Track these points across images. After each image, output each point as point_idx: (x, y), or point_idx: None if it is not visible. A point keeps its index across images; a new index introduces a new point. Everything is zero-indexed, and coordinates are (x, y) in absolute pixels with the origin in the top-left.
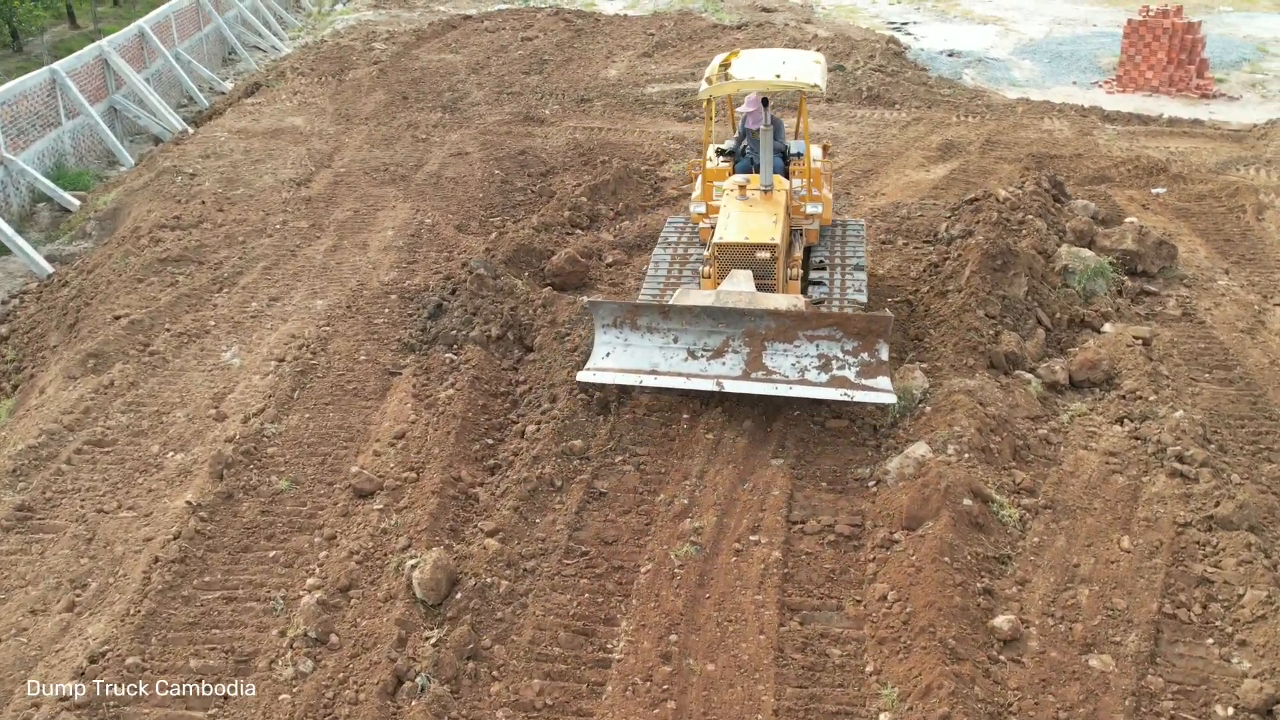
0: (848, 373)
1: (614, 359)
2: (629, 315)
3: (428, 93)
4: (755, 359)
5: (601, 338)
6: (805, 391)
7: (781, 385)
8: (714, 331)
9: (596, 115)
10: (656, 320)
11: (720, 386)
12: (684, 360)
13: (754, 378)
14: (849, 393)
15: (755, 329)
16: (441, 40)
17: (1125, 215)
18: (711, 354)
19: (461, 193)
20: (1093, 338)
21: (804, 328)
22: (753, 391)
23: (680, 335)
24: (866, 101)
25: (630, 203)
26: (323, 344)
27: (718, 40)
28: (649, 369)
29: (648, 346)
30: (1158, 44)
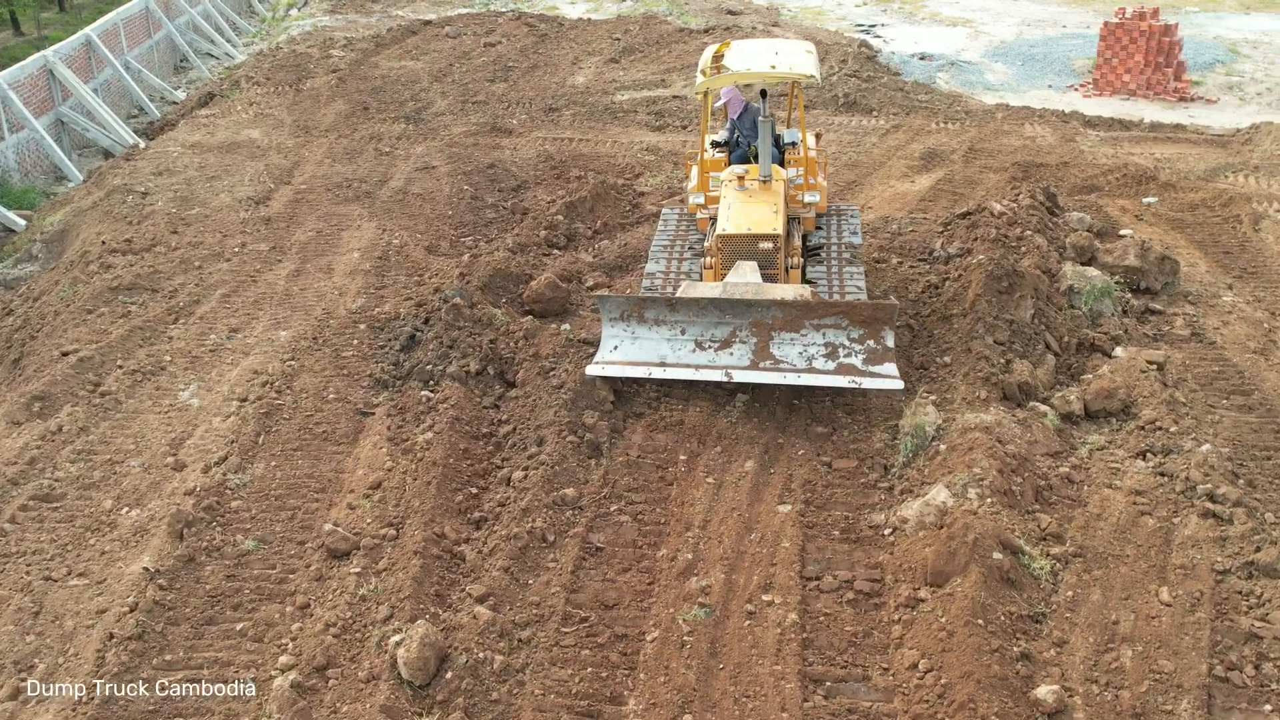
0: (855, 360)
1: (622, 352)
2: (636, 308)
3: (390, 102)
4: (763, 349)
5: (609, 331)
6: (813, 380)
7: (790, 374)
8: (721, 323)
9: (566, 125)
10: (664, 313)
11: (729, 377)
12: (692, 352)
13: (762, 367)
14: (856, 380)
15: (762, 319)
16: (401, 47)
17: (1119, 227)
18: (719, 345)
19: (430, 210)
20: (1104, 363)
21: (810, 317)
22: (761, 381)
23: (688, 327)
24: (844, 108)
25: (609, 220)
26: (288, 381)
27: (685, 44)
28: (657, 361)
29: (655, 339)
30: (1134, 47)
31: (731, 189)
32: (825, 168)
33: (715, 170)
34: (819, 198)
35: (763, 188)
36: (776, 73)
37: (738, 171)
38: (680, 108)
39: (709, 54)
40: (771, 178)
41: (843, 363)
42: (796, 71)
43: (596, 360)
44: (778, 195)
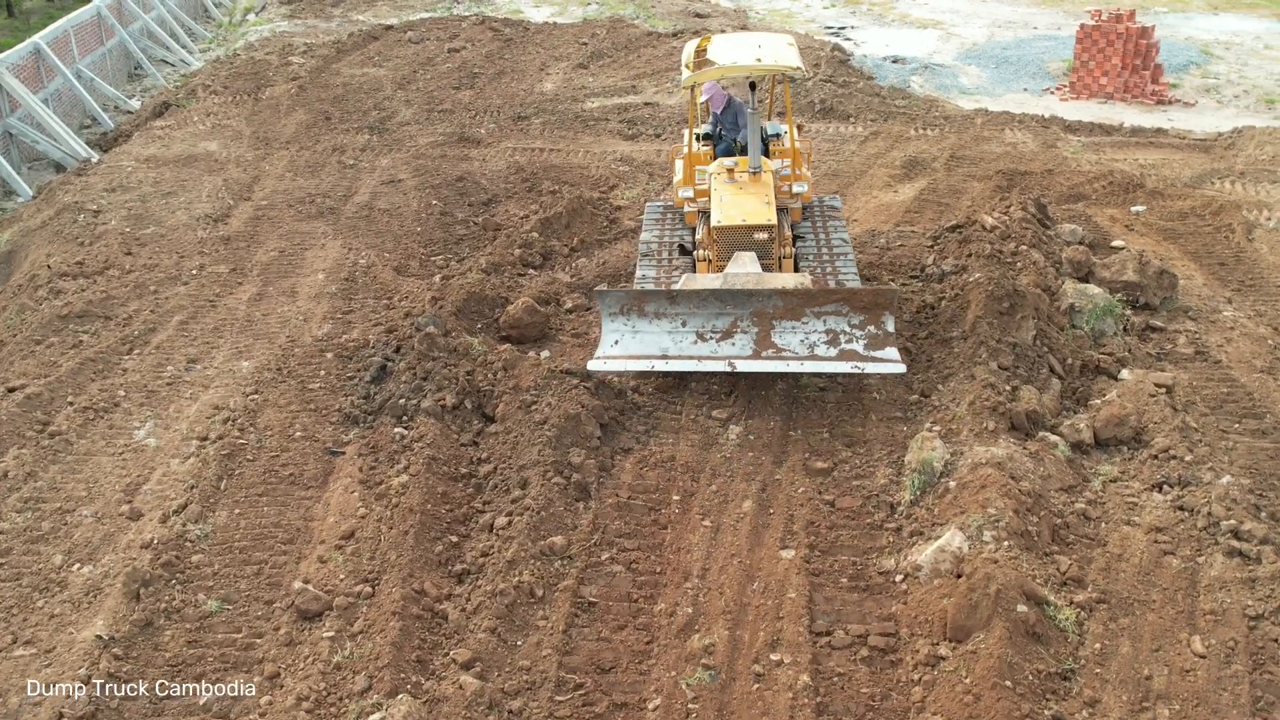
0: (856, 346)
1: (623, 346)
2: (636, 302)
3: (352, 112)
4: (764, 338)
5: (609, 326)
6: (816, 366)
7: (793, 362)
8: (722, 313)
9: (536, 134)
10: (664, 306)
11: (732, 367)
12: (693, 344)
13: (765, 356)
14: (859, 365)
15: (763, 308)
16: (363, 53)
17: (1111, 238)
18: (721, 335)
19: (397, 227)
20: (1110, 386)
21: (811, 305)
22: (765, 370)
23: (688, 319)
24: (820, 115)
25: (585, 237)
26: (251, 417)
27: (654, 49)
28: (659, 354)
29: (656, 332)
30: (1111, 49)
31: (721, 181)
32: (810, 159)
33: (701, 165)
34: (806, 187)
35: (753, 179)
36: (763, 65)
37: (727, 164)
38: (653, 115)
39: (690, 49)
40: (761, 169)
41: (844, 349)
42: (782, 64)
43: (597, 355)
44: (768, 186)
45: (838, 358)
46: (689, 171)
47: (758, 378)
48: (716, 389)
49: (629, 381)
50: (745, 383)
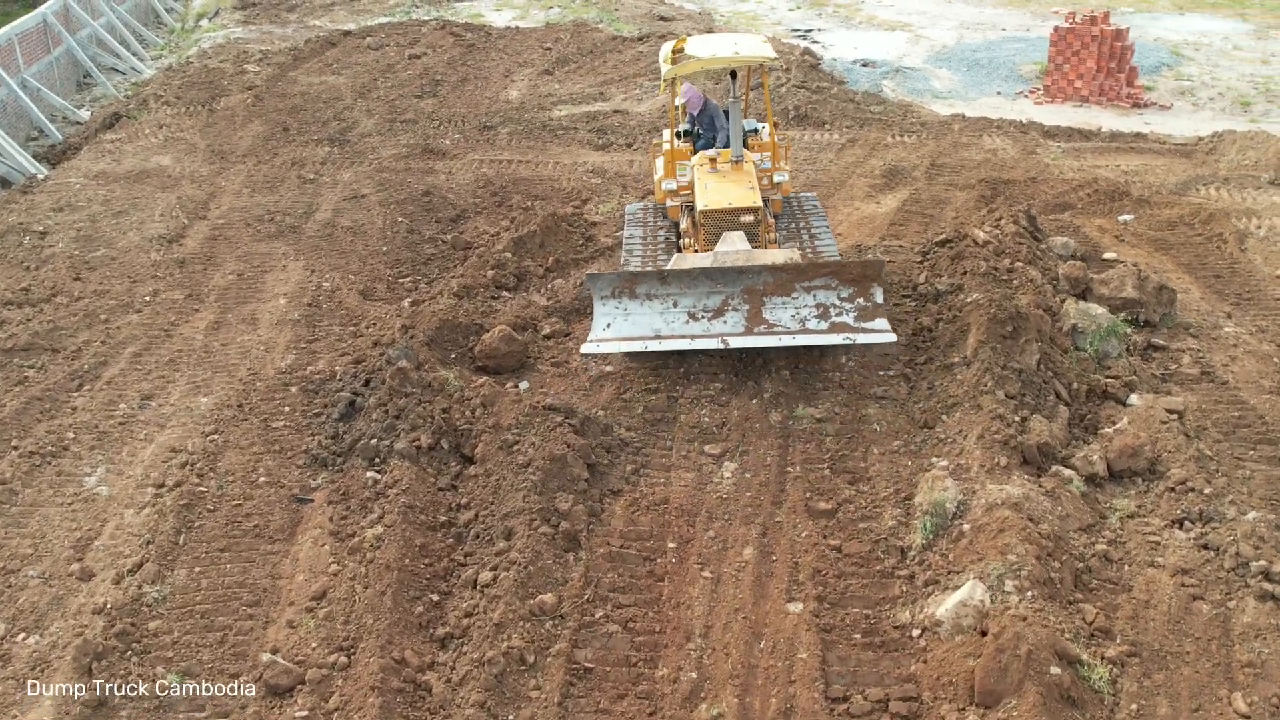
0: (846, 318)
1: (615, 329)
2: (627, 284)
3: (311, 122)
4: (755, 314)
5: (601, 309)
6: (808, 339)
7: (785, 336)
8: (713, 292)
9: (503, 145)
10: (655, 287)
11: (725, 344)
12: (685, 323)
13: (757, 332)
14: (851, 336)
15: (754, 285)
16: (321, 60)
17: (1102, 250)
18: (713, 314)
19: (362, 246)
20: (1118, 411)
21: (800, 279)
22: (757, 345)
23: (680, 299)
24: (795, 122)
25: (561, 256)
26: (211, 461)
27: (620, 54)
28: (652, 334)
29: (648, 313)
30: (1086, 52)
31: (704, 171)
32: (789, 153)
33: (682, 160)
34: (786, 177)
35: (735, 168)
36: (740, 57)
37: (709, 154)
38: (622, 124)
39: (667, 48)
40: (743, 158)
41: (835, 321)
42: (759, 55)
43: (591, 339)
44: (750, 175)
45: (829, 330)
46: (671, 166)
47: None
48: (708, 422)
49: (615, 415)
50: (739, 414)
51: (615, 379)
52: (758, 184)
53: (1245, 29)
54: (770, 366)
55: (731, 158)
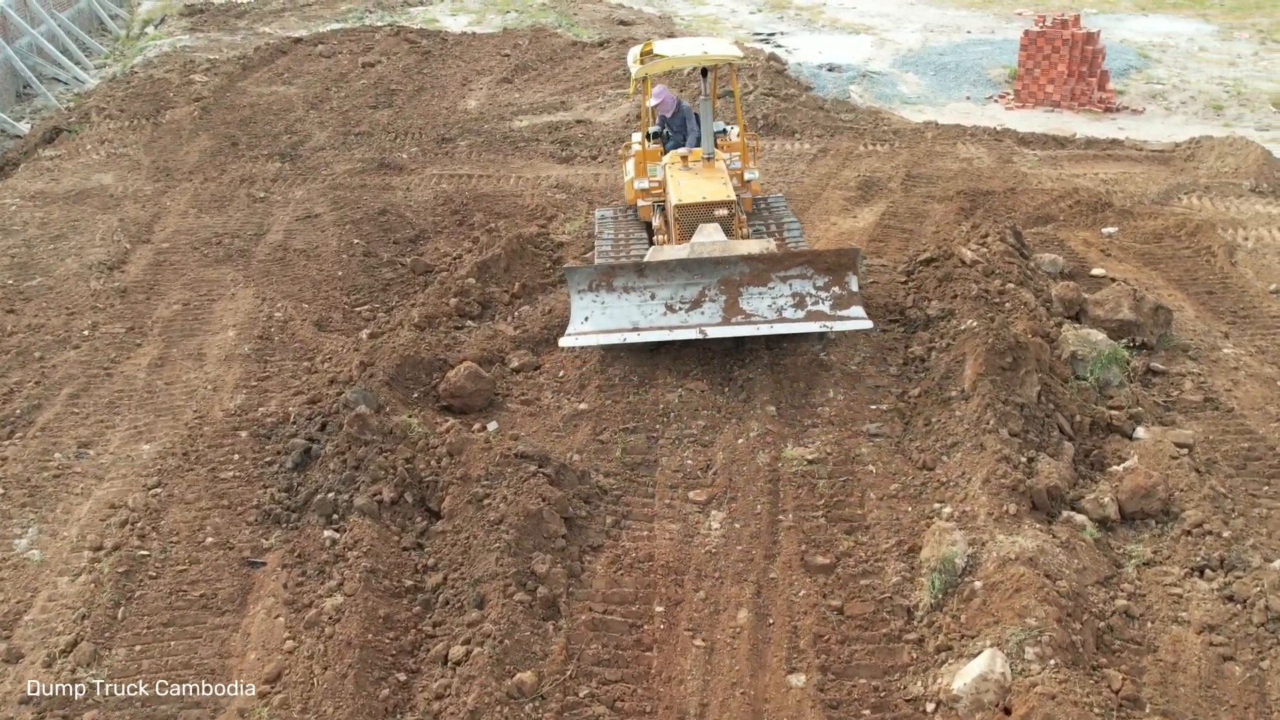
0: (823, 307)
1: (593, 322)
2: (604, 277)
3: (261, 136)
4: (733, 304)
5: (578, 303)
6: (785, 328)
7: (762, 325)
8: (690, 283)
9: (462, 158)
10: (632, 279)
11: (703, 334)
12: (663, 314)
13: (734, 322)
14: (828, 324)
15: (730, 276)
16: (271, 69)
17: (1089, 265)
18: (690, 305)
19: (316, 271)
20: (1124, 446)
21: (776, 269)
22: (735, 335)
23: (657, 291)
24: (764, 131)
25: (527, 281)
26: (154, 519)
27: (581, 60)
28: (630, 326)
29: (625, 305)
30: (1057, 56)
31: (677, 169)
32: (758, 154)
33: (653, 160)
34: (757, 175)
35: (707, 165)
36: (710, 56)
37: (681, 153)
38: (586, 135)
39: (636, 50)
40: (714, 156)
41: (811, 310)
42: (728, 54)
43: (569, 332)
44: (723, 171)
45: (806, 319)
46: (641, 166)
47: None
48: (691, 465)
49: (592, 459)
50: (724, 455)
51: (590, 418)
52: (729, 181)
53: (1209, 30)
54: (755, 401)
55: (703, 155)
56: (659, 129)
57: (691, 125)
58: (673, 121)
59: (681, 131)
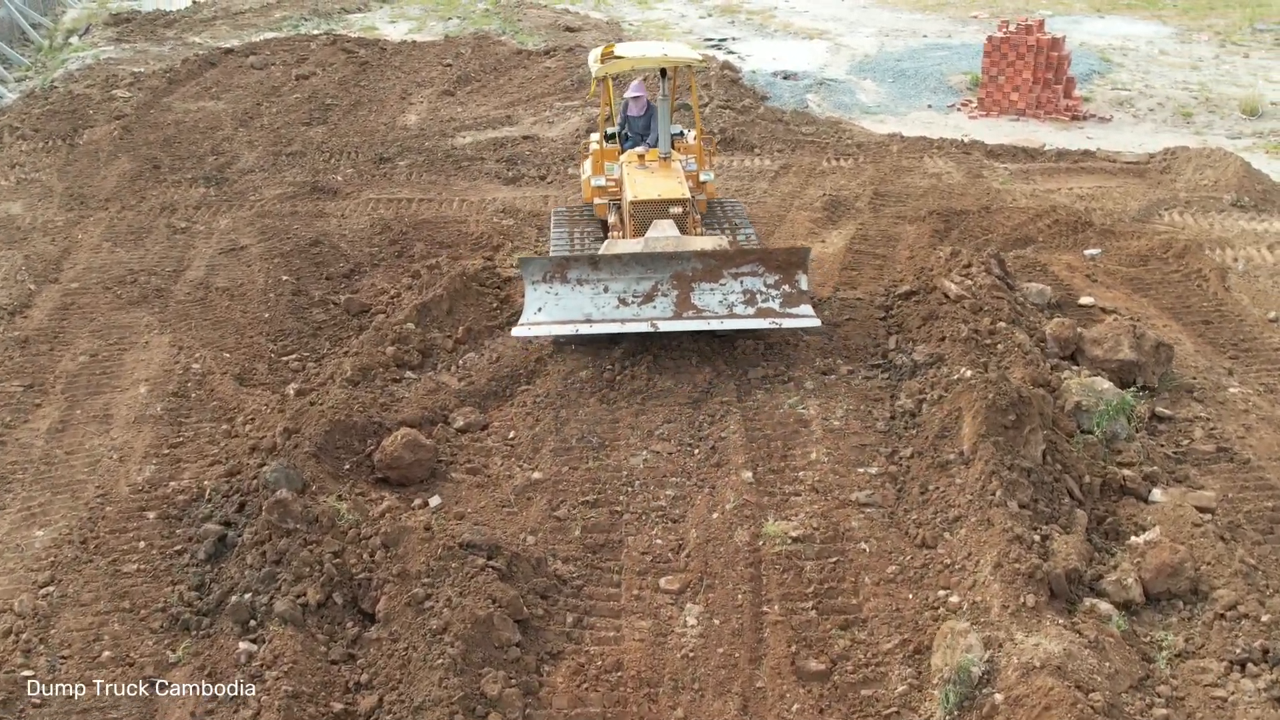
0: (772, 304)
1: (547, 313)
2: (559, 269)
3: (185, 157)
4: (684, 299)
5: (532, 294)
6: (735, 324)
7: (713, 320)
8: (643, 277)
9: (401, 180)
10: (586, 271)
11: (654, 327)
12: (616, 307)
13: (685, 316)
14: (777, 321)
15: (682, 271)
16: (199, 82)
17: (1076, 294)
18: (642, 299)
19: (240, 313)
20: (1140, 511)
21: (728, 266)
22: (686, 329)
23: (610, 284)
24: (722, 146)
25: (473, 324)
26: (43, 626)
27: (527, 70)
28: (582, 318)
29: (579, 297)
30: (1022, 63)
31: (633, 167)
32: (713, 156)
33: (610, 159)
34: (713, 176)
35: (663, 165)
36: (670, 58)
37: (638, 151)
38: (534, 152)
39: (597, 51)
40: (670, 156)
41: (761, 307)
42: (687, 57)
43: (522, 322)
44: (678, 171)
45: (756, 315)
46: (599, 164)
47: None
48: (661, 545)
49: (548, 541)
50: (698, 533)
51: (545, 489)
52: (685, 180)
53: (1167, 32)
54: (728, 464)
55: (660, 155)
56: (618, 129)
57: (654, 126)
58: (639, 120)
59: (644, 132)
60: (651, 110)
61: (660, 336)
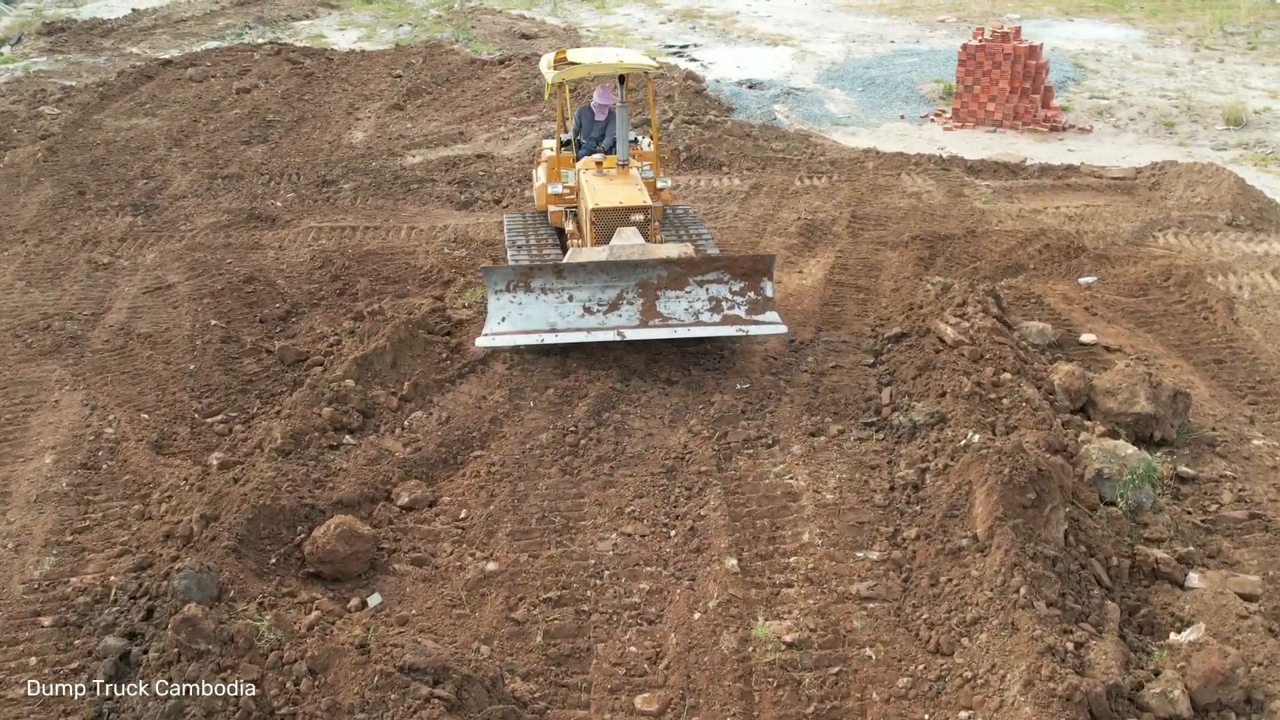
0: (738, 311)
1: (510, 322)
2: (522, 278)
3: (114, 181)
4: (650, 308)
5: (495, 303)
6: (702, 331)
7: (680, 329)
8: (608, 286)
9: (345, 206)
10: (550, 280)
11: (621, 336)
12: (580, 316)
13: (652, 325)
14: (744, 328)
15: (648, 279)
16: (133, 97)
17: (1074, 329)
18: (608, 307)
19: (163, 365)
20: (1176, 598)
21: (693, 273)
22: (652, 338)
23: (574, 293)
24: (688, 165)
25: (420, 378)
26: None
27: (480, 81)
28: (547, 328)
29: (543, 306)
30: (998, 72)
31: (591, 174)
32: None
33: (566, 166)
34: (670, 183)
35: (621, 172)
36: (625, 64)
37: (595, 158)
38: (488, 173)
39: (549, 57)
40: (628, 163)
41: (727, 314)
42: (642, 63)
43: (485, 332)
44: (637, 179)
45: (722, 323)
46: (554, 171)
47: (685, 561)
48: (635, 653)
49: (505, 651)
50: (678, 638)
51: (501, 583)
52: (644, 188)
53: (1138, 36)
54: (710, 549)
55: (618, 162)
56: (573, 135)
57: (613, 129)
58: (597, 126)
59: (600, 138)
60: (612, 115)
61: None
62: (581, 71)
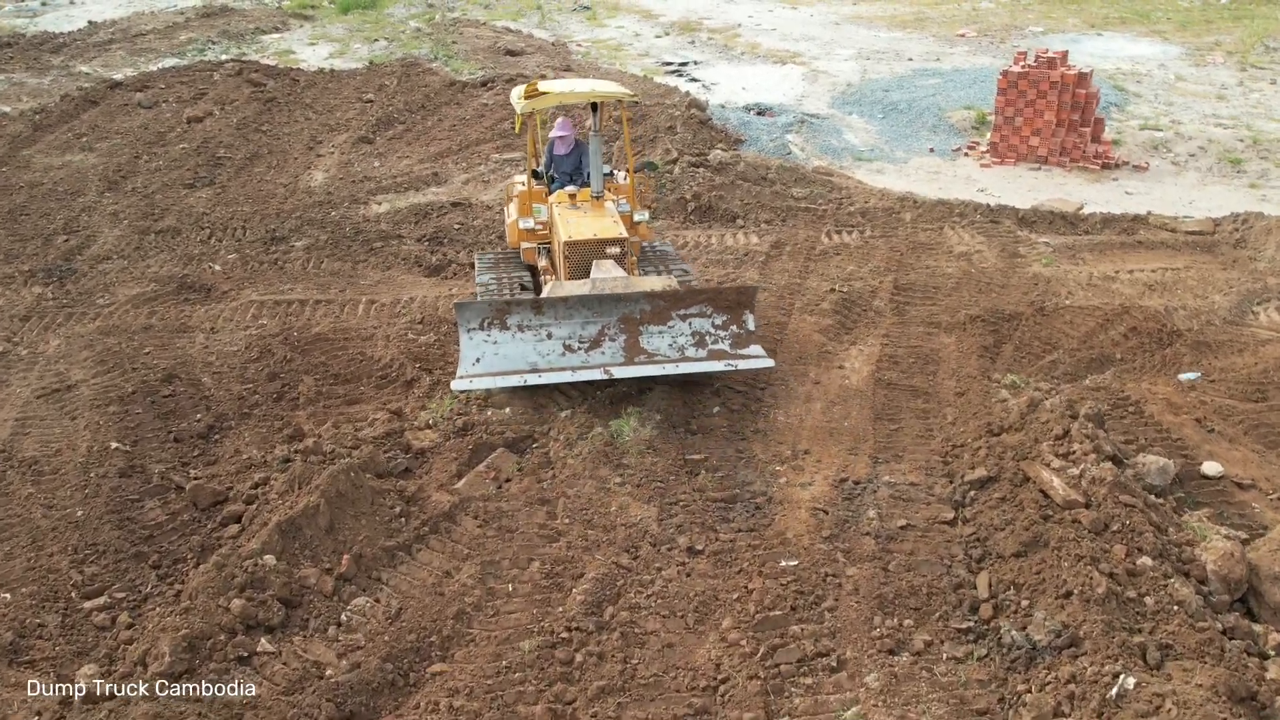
0: (723, 345)
1: (485, 363)
2: (498, 314)
3: (30, 238)
4: (633, 344)
5: (468, 343)
6: (689, 368)
7: (668, 365)
8: (589, 321)
9: (296, 272)
10: (529, 317)
11: (608, 374)
12: (561, 354)
13: (637, 361)
14: (731, 363)
15: (630, 314)
16: (72, 128)
17: (1192, 456)
18: (589, 345)
19: (42, 510)
20: None
21: (676, 307)
22: (640, 375)
23: (554, 329)
24: (695, 217)
25: (364, 546)
26: None
27: (460, 108)
28: (528, 368)
29: (521, 345)
30: (1044, 102)
31: (565, 208)
32: (647, 196)
33: (538, 201)
34: (647, 216)
35: (595, 205)
36: (599, 92)
37: (569, 191)
38: (465, 225)
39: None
40: (603, 195)
41: (712, 349)
42: (618, 91)
43: (460, 374)
44: (612, 211)
45: (708, 358)
46: (526, 205)
47: None
48: None
49: None
50: None
51: None
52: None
53: (1175, 52)
54: None
55: (592, 195)
56: (544, 169)
57: (586, 163)
58: (567, 160)
59: (573, 171)
60: (580, 148)
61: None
62: (551, 101)
